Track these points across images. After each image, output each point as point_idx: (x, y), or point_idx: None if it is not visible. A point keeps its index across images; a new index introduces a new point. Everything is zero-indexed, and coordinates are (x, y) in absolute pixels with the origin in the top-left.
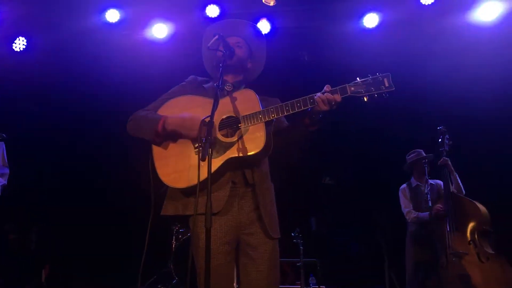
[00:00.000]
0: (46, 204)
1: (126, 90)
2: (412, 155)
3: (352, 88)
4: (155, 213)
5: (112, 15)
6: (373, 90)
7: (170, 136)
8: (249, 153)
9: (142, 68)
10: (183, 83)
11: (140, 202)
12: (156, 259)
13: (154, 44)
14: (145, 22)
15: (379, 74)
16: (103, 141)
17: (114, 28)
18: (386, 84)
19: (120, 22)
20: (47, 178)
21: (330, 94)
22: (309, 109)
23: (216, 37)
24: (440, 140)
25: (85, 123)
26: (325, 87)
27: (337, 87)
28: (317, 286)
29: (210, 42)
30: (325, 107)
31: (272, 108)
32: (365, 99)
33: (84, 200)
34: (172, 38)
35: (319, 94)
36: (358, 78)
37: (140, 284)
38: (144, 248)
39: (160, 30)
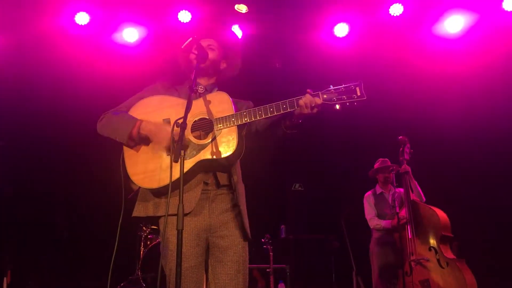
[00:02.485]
0: (8, 208)
1: (96, 92)
2: (378, 163)
3: (325, 96)
4: (124, 218)
5: (82, 18)
6: (345, 98)
7: (144, 139)
8: (221, 156)
9: (112, 71)
10: (156, 84)
11: (108, 207)
12: (124, 266)
13: (124, 48)
14: (116, 26)
15: (351, 83)
16: (71, 143)
17: (83, 31)
18: (358, 93)
19: (90, 25)
20: (12, 181)
21: (310, 97)
22: (289, 112)
23: (190, 39)
24: (401, 149)
25: (52, 125)
26: (307, 91)
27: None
28: None
29: (184, 44)
30: (305, 109)
31: (245, 112)
32: (337, 107)
33: (51, 204)
34: (143, 42)
35: (296, 98)
36: (331, 86)
37: None
38: (113, 254)
39: (131, 34)
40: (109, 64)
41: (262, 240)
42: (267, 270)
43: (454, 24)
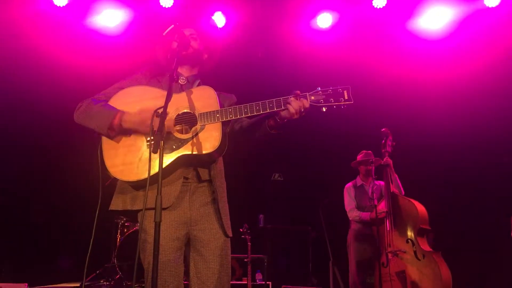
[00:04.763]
0: None
1: (73, 79)
2: (361, 155)
3: (313, 97)
4: (101, 206)
5: None
6: (332, 101)
7: (125, 130)
8: (203, 152)
9: (91, 57)
10: (137, 74)
11: (84, 196)
12: (100, 254)
13: (104, 31)
14: (95, 9)
15: (339, 86)
16: (46, 132)
17: (61, 13)
18: (346, 97)
19: (68, 7)
20: None
21: (299, 102)
22: (276, 110)
23: (172, 26)
24: (383, 141)
25: (28, 112)
26: (295, 92)
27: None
28: (263, 282)
29: (165, 31)
30: (294, 115)
31: (231, 108)
32: (324, 110)
33: (26, 191)
34: (124, 27)
35: (283, 98)
36: (318, 88)
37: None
38: (90, 242)
39: (111, 18)
40: (88, 49)
41: (241, 229)
42: (245, 260)
43: (436, 18)
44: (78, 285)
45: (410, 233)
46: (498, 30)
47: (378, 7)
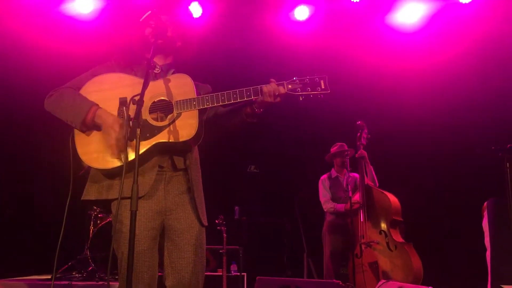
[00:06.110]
0: None
1: (44, 65)
2: (335, 147)
3: (290, 86)
4: (73, 197)
5: None
6: (310, 90)
7: (98, 126)
8: (179, 140)
9: (62, 45)
10: (110, 61)
11: (56, 186)
12: (72, 245)
13: (77, 19)
14: None
15: (316, 75)
16: (13, 119)
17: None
18: (323, 86)
19: None
20: None
21: (275, 86)
22: (251, 99)
23: (149, 12)
24: (358, 134)
25: None
26: (270, 80)
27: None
28: (238, 273)
29: (142, 17)
30: (268, 97)
31: (208, 96)
32: (301, 99)
33: None
34: (98, 13)
35: (262, 85)
36: (295, 78)
37: (54, 271)
38: (61, 233)
39: (84, 4)
40: (61, 36)
41: (216, 221)
42: (220, 251)
43: (411, 12)
44: (48, 277)
45: (383, 225)
46: (470, 25)
47: (354, 1)
